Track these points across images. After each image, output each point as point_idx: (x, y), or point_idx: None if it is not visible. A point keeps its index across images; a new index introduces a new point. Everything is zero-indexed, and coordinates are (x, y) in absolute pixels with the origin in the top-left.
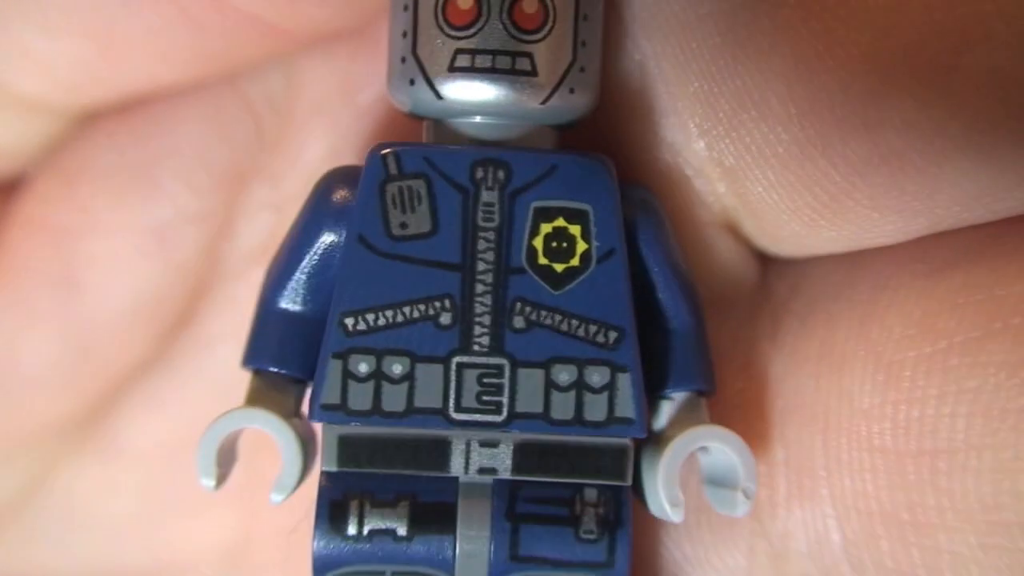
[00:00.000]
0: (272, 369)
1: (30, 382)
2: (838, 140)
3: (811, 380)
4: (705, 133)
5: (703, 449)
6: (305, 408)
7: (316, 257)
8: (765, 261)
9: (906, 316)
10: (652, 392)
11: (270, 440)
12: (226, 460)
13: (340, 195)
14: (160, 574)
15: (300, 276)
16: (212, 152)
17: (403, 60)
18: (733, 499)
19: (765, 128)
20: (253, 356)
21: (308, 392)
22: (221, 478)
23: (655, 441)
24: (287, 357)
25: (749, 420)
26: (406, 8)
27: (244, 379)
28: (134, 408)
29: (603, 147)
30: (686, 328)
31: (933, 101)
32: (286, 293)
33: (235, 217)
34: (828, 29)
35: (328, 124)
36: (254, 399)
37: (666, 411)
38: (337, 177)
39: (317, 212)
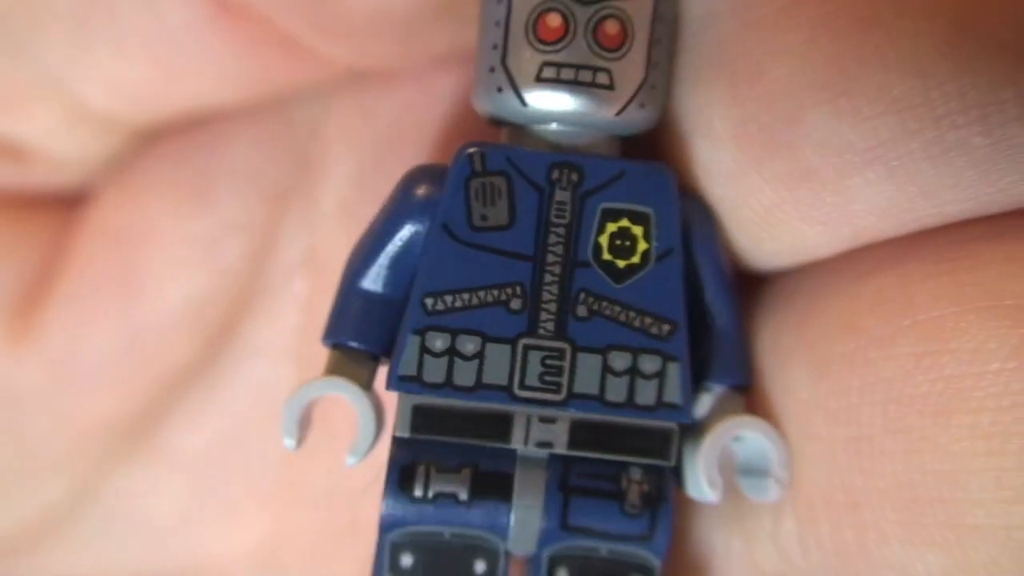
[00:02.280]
0: (351, 344)
1: (84, 377)
2: (767, 158)
3: (764, 380)
4: (667, 154)
5: (737, 439)
6: (377, 383)
7: (399, 245)
8: None
9: (835, 316)
10: (695, 383)
11: (307, 446)
12: (304, 425)
13: (424, 190)
14: None
15: (383, 261)
16: (260, 172)
17: (492, 70)
18: (765, 486)
19: (710, 148)
20: (334, 331)
21: (379, 369)
22: (300, 440)
23: (695, 430)
24: (365, 333)
25: None
26: (498, 24)
27: (285, 387)
28: (181, 414)
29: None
30: (729, 327)
31: (839, 121)
32: (368, 276)
33: (278, 234)
34: (758, 61)
35: (350, 149)
36: (332, 371)
37: (706, 402)
38: (421, 173)
39: (403, 204)
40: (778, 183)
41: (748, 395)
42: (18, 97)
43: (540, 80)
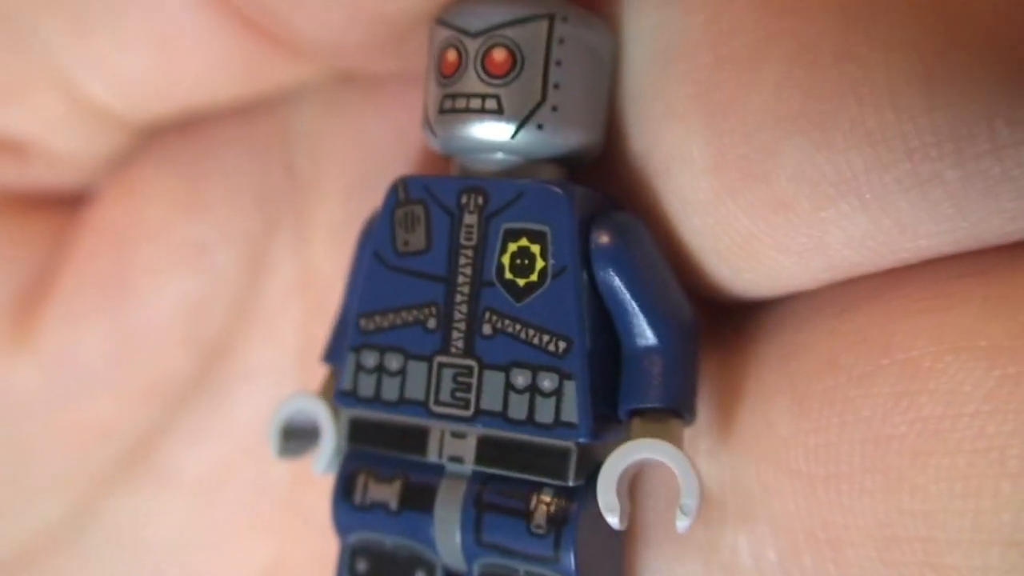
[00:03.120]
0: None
1: (81, 378)
2: (743, 188)
3: (745, 413)
4: (645, 185)
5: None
6: None
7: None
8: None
9: (816, 353)
10: (620, 408)
11: (308, 472)
12: (300, 437)
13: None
14: None
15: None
16: (253, 179)
17: (422, 109)
18: (677, 514)
19: (690, 177)
20: (329, 353)
21: None
22: (289, 449)
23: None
24: None
25: None
26: (429, 66)
27: None
28: (181, 434)
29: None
30: (660, 347)
31: (814, 153)
32: (353, 299)
33: (271, 246)
34: (733, 94)
35: (342, 170)
36: (326, 388)
37: (635, 427)
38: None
39: (363, 238)
40: (754, 213)
41: (691, 422)
42: (19, 89)
43: (441, 112)
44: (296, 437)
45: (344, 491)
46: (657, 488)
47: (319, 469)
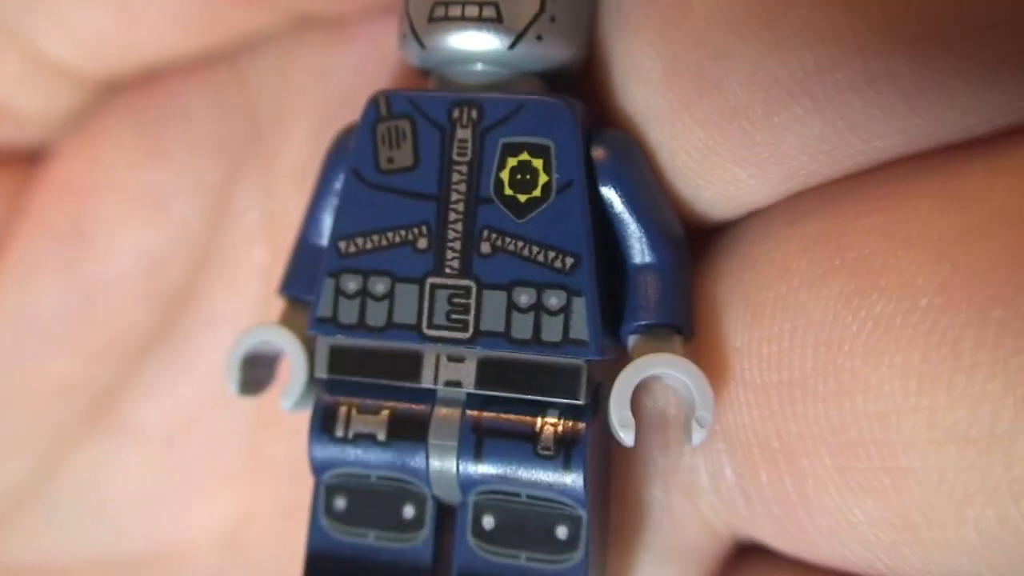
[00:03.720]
0: (303, 296)
1: (40, 334)
2: (697, 99)
3: (701, 330)
4: (607, 100)
5: (661, 380)
6: None
7: (335, 197)
8: None
9: (769, 262)
10: (624, 324)
11: (273, 419)
12: (261, 374)
13: (350, 141)
14: (160, 562)
15: (324, 214)
16: (214, 130)
17: (401, 18)
18: (689, 429)
19: (645, 90)
20: (286, 284)
21: None
22: (249, 385)
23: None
24: (312, 285)
25: None
26: None
27: None
28: (142, 386)
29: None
30: (658, 263)
31: (764, 55)
32: (314, 230)
33: (234, 196)
34: (683, 1)
35: (309, 111)
36: (284, 321)
37: (637, 344)
38: (350, 127)
39: (333, 158)
40: (709, 124)
41: (690, 338)
42: None
43: (432, 20)
44: (256, 373)
45: (323, 425)
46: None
47: (289, 405)
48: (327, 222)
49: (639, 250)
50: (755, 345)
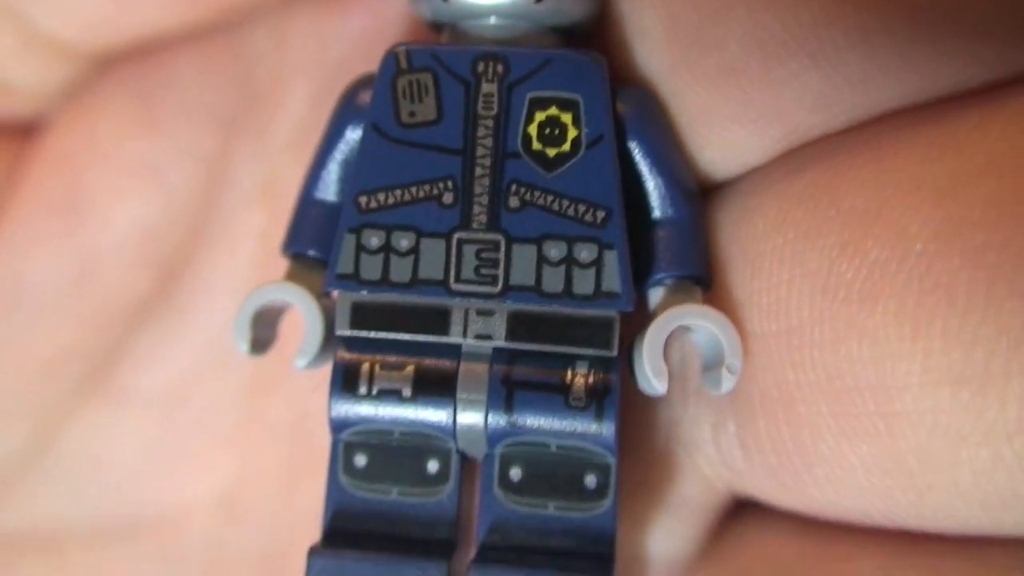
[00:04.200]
0: (308, 253)
1: (37, 303)
2: (697, 58)
3: None
4: (611, 57)
5: (688, 330)
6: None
7: (344, 152)
8: None
9: (766, 214)
10: (646, 278)
11: (269, 383)
12: (266, 334)
13: (361, 95)
14: (157, 526)
15: (331, 169)
16: (210, 99)
17: None
18: (718, 377)
19: (647, 50)
20: (291, 241)
21: None
22: (256, 344)
23: (647, 324)
24: (320, 241)
25: None
26: None
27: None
28: (138, 352)
29: None
30: (678, 217)
31: (763, 11)
32: (320, 185)
33: (229, 164)
34: None
35: (307, 79)
36: (289, 279)
37: (659, 296)
38: (359, 81)
39: (343, 111)
40: (708, 83)
41: (709, 290)
42: None
43: None
44: (260, 333)
45: (344, 383)
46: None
47: (303, 364)
48: (334, 177)
49: (662, 204)
50: (755, 296)
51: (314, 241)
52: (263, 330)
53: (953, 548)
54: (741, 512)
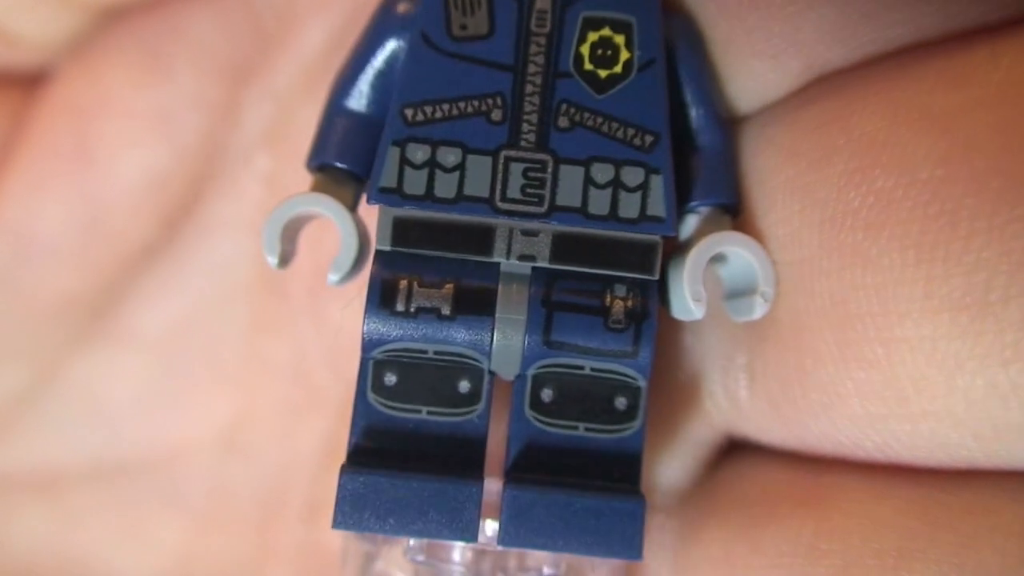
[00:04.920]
0: (335, 164)
1: (44, 250)
2: None
3: None
4: None
5: (721, 261)
6: (362, 205)
7: (380, 62)
8: None
9: (776, 146)
10: (681, 205)
11: (270, 322)
12: (290, 248)
13: (403, 6)
14: (158, 463)
15: (365, 79)
16: (218, 47)
17: None
18: (751, 304)
19: None
20: (317, 153)
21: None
22: (284, 258)
23: (681, 250)
24: (348, 153)
25: None
26: None
27: (247, 262)
28: (142, 294)
29: None
30: (715, 146)
31: None
32: (352, 95)
33: (239, 108)
34: None
35: (316, 25)
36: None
37: (693, 223)
38: None
39: (382, 20)
40: (731, 14)
41: (737, 219)
42: None
43: None
44: (285, 248)
45: (382, 300)
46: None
47: (336, 280)
48: (366, 87)
49: (700, 133)
50: (771, 228)
51: (340, 152)
52: (288, 244)
53: (945, 481)
54: (735, 452)
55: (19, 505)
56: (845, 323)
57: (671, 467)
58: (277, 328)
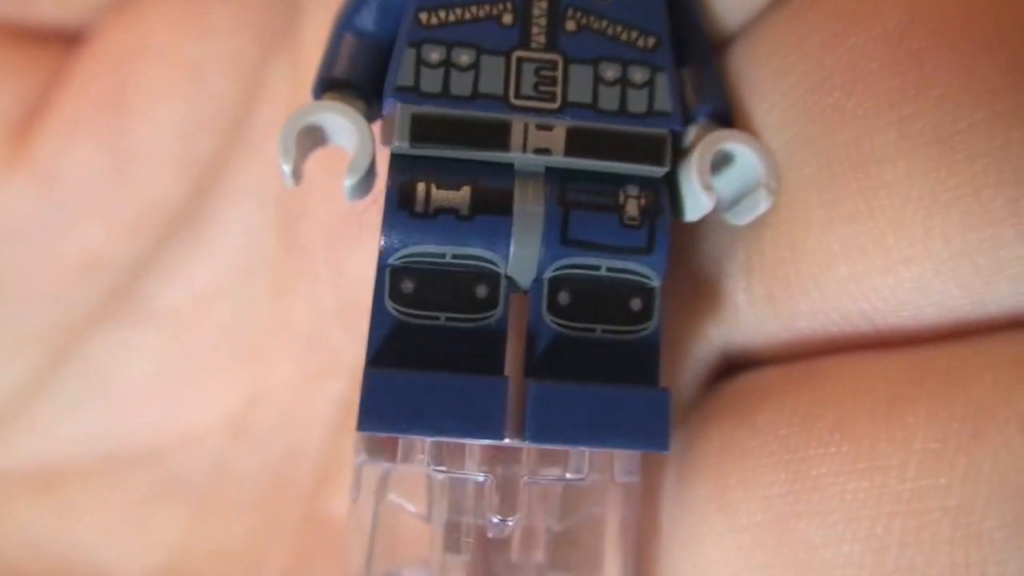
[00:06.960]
0: (343, 79)
1: (72, 200)
2: None
3: None
4: None
5: (719, 171)
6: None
7: None
8: None
9: (762, 47)
10: (695, 110)
11: (289, 279)
12: (301, 164)
13: None
14: (168, 450)
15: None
16: (255, 6)
17: None
18: (755, 200)
19: None
20: (324, 70)
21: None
22: (296, 172)
23: (686, 156)
24: (357, 70)
25: None
26: None
27: (267, 235)
28: (162, 269)
29: None
30: (707, 59)
31: None
32: (360, 14)
33: (268, 72)
34: None
35: None
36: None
37: (692, 133)
38: None
39: None
40: None
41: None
42: None
43: None
44: (300, 157)
45: (401, 202)
46: None
47: (351, 183)
48: (376, 5)
49: (695, 44)
50: (763, 119)
51: (349, 69)
52: (300, 159)
53: (936, 339)
54: (731, 370)
55: (15, 499)
56: (829, 182)
57: (674, 385)
58: (300, 297)
